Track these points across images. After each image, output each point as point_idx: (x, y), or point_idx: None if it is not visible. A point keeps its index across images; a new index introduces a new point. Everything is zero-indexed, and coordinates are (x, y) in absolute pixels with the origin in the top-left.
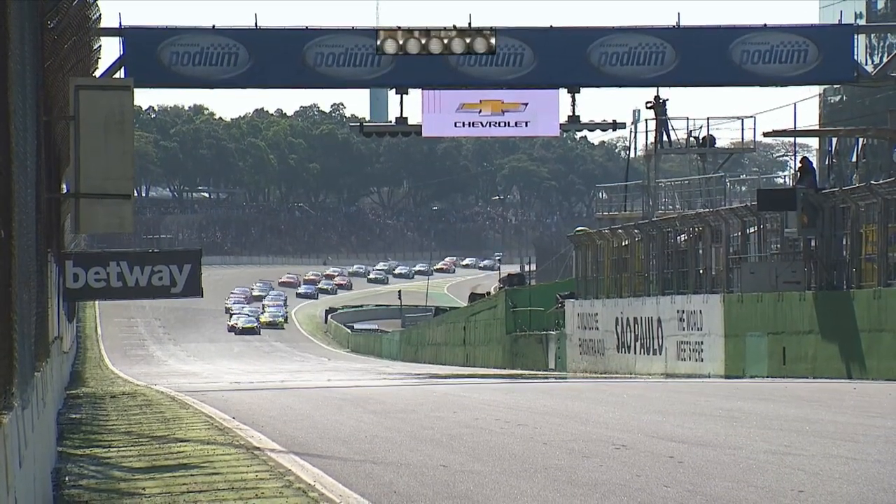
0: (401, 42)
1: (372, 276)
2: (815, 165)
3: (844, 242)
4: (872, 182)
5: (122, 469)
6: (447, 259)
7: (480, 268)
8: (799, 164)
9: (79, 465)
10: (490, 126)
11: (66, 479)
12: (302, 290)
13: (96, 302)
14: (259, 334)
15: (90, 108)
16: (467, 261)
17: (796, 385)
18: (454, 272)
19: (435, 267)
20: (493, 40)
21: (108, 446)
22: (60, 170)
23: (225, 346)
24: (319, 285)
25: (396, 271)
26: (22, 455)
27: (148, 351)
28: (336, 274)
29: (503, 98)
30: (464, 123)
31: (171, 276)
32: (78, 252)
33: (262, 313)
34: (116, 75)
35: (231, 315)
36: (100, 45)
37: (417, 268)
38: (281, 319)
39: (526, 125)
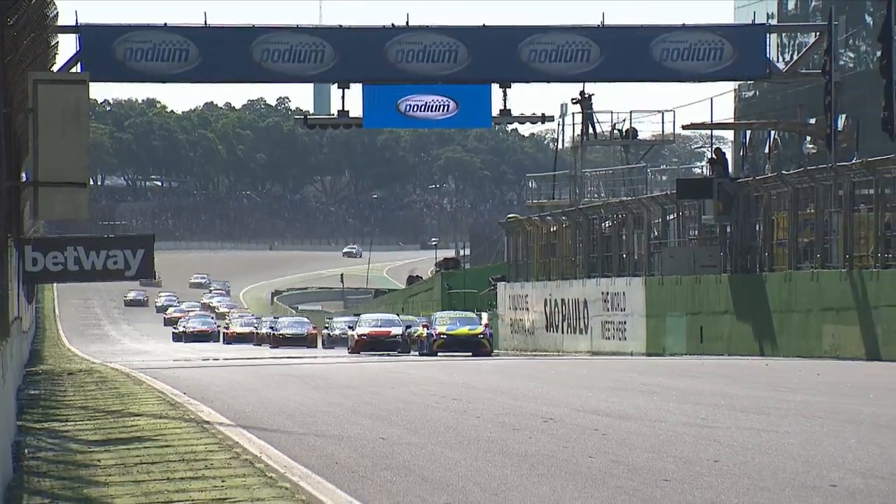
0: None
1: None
2: (730, 156)
3: (757, 228)
4: (783, 172)
5: (79, 442)
6: (352, 245)
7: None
8: (713, 156)
9: (38, 438)
10: (427, 119)
11: (26, 451)
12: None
13: (54, 284)
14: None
15: (48, 101)
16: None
17: (713, 362)
18: (360, 256)
19: (344, 250)
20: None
21: (65, 420)
22: (20, 159)
23: None
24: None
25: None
26: None
27: (103, 330)
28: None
29: (439, 92)
30: (402, 116)
31: (126, 259)
32: (37, 237)
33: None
34: (73, 70)
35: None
36: (57, 42)
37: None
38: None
39: (460, 118)
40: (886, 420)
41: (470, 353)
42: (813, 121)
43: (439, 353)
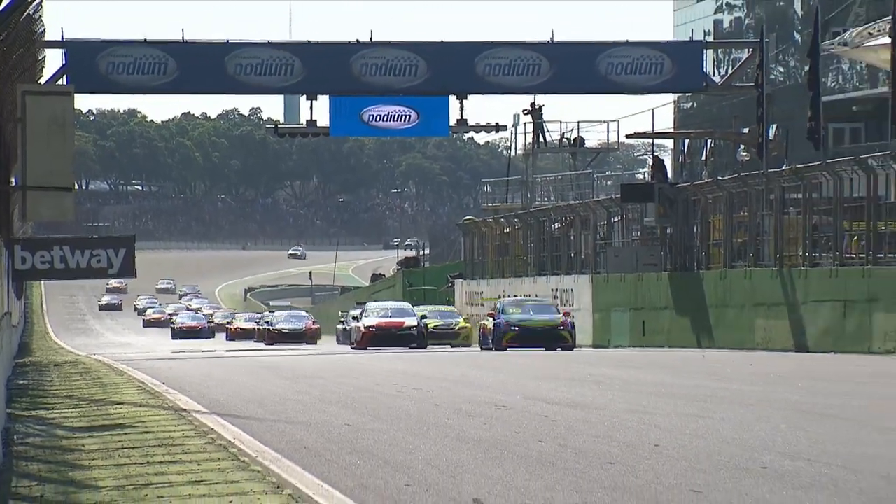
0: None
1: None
2: (669, 163)
3: (695, 230)
4: (719, 178)
5: (65, 429)
6: (296, 247)
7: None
8: (651, 162)
9: (26, 425)
10: (389, 128)
11: (15, 437)
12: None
13: (42, 281)
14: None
15: (36, 111)
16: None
17: (654, 354)
18: (304, 258)
19: (289, 252)
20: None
21: (52, 409)
22: (9, 165)
23: None
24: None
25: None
26: None
27: (87, 325)
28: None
29: (400, 104)
30: (366, 125)
31: (108, 258)
32: (25, 238)
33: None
34: (59, 82)
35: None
36: (44, 56)
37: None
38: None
39: (420, 127)
40: (813, 407)
41: (543, 348)
42: (746, 130)
43: (509, 348)
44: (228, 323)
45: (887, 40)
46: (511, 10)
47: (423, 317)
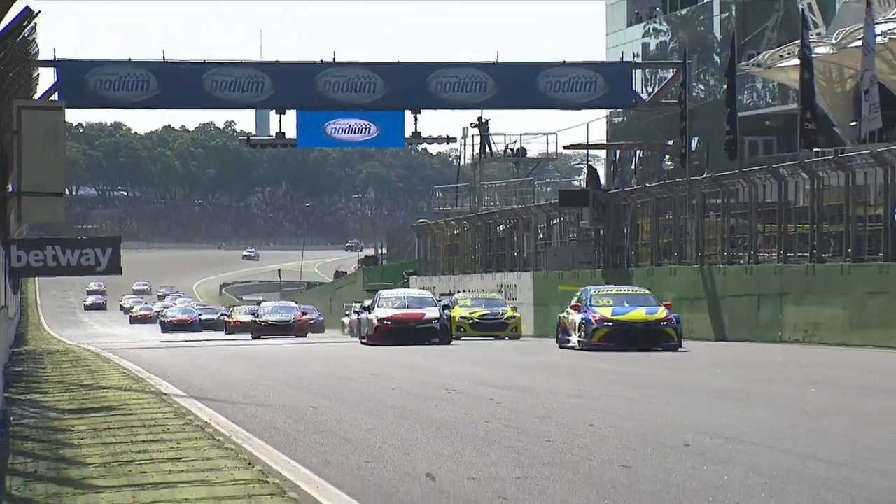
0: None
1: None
2: (602, 171)
3: (625, 231)
4: (647, 185)
5: (57, 411)
6: (250, 249)
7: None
8: (586, 171)
9: (21, 407)
10: (350, 140)
11: (11, 418)
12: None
13: (36, 278)
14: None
15: (30, 124)
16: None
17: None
18: (258, 259)
19: (244, 254)
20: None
21: (45, 393)
22: (6, 173)
23: None
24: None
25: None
26: None
27: (77, 317)
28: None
29: (361, 118)
30: (330, 137)
31: (96, 257)
32: (21, 238)
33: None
34: (52, 98)
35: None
36: (38, 74)
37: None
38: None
39: (378, 139)
40: (731, 392)
41: (644, 348)
42: (671, 142)
43: (599, 349)
44: (227, 316)
45: (796, 62)
46: (460, 33)
47: (466, 305)
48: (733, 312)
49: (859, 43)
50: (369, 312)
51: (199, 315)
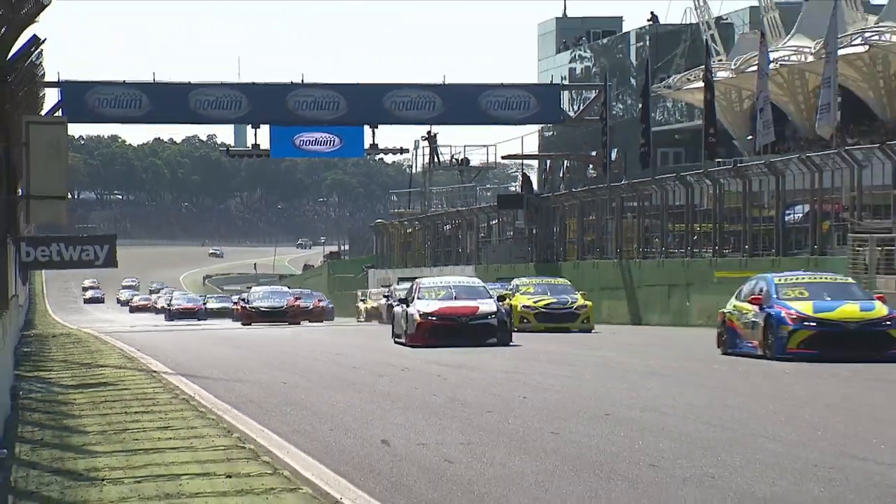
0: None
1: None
2: (534, 178)
3: (555, 230)
4: (573, 190)
5: (60, 386)
6: (216, 247)
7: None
8: (521, 178)
9: (29, 383)
10: (317, 150)
11: (20, 392)
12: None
13: (42, 271)
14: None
15: (37, 137)
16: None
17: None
18: (222, 256)
19: (209, 251)
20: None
21: (50, 370)
22: (16, 180)
23: None
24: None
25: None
26: None
27: (78, 305)
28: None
29: (326, 131)
30: (299, 149)
31: (95, 252)
32: (29, 236)
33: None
34: (56, 114)
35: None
36: (44, 94)
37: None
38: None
39: (341, 150)
40: (647, 368)
41: (859, 356)
42: (594, 153)
43: (794, 357)
44: (235, 304)
45: (701, 84)
46: (412, 58)
47: (528, 292)
48: (647, 300)
49: (755, 68)
50: (407, 305)
51: (205, 304)
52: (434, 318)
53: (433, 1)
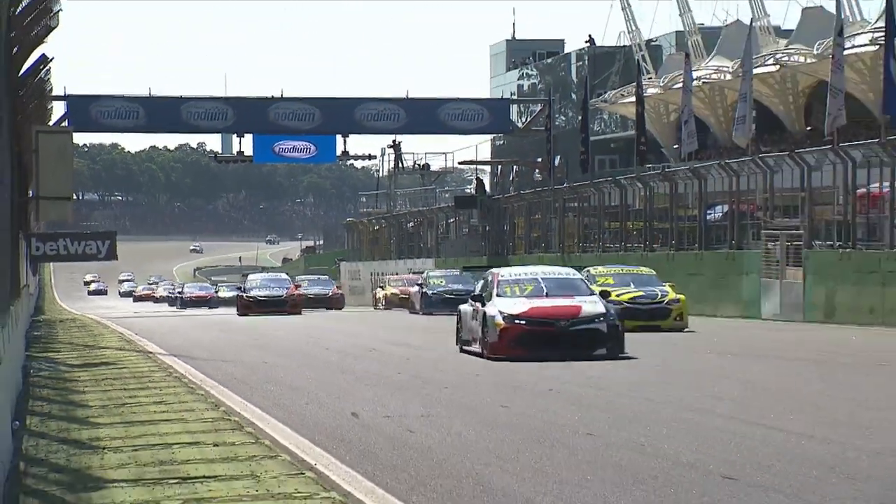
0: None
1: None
2: (487, 182)
3: (505, 228)
4: (521, 192)
5: (67, 365)
6: (195, 243)
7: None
8: (475, 182)
9: (39, 363)
10: (295, 157)
11: (31, 371)
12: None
13: (51, 263)
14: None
15: (46, 144)
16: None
17: None
18: (202, 252)
19: (190, 248)
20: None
21: (57, 351)
22: (27, 183)
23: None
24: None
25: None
26: (3, 355)
27: (83, 293)
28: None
29: (303, 140)
30: (279, 155)
31: (97, 246)
32: (39, 232)
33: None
34: (62, 125)
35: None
36: (52, 107)
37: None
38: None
39: (317, 157)
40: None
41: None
42: (539, 160)
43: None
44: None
45: (633, 99)
46: (379, 74)
47: (608, 284)
48: None
49: (680, 85)
50: (483, 304)
51: (217, 292)
52: (523, 322)
53: (400, 25)
